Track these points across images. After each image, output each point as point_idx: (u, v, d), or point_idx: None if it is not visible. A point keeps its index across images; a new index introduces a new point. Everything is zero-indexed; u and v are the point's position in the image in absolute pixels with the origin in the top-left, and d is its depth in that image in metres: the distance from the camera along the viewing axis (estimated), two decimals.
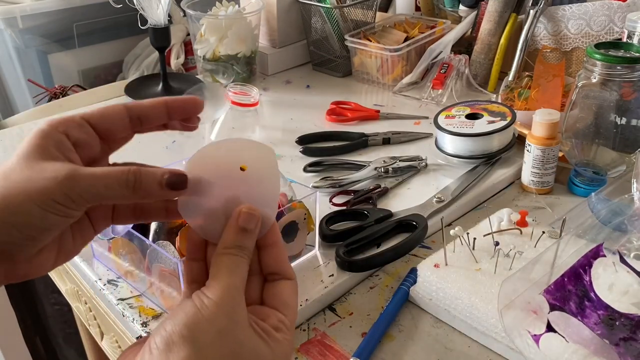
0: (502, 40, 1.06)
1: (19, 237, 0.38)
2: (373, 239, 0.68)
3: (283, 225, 0.62)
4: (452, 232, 0.60)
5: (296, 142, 0.92)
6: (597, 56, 0.75)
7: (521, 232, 0.63)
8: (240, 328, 0.36)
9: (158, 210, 0.45)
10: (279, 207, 0.62)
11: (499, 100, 0.96)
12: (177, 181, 0.40)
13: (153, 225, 0.61)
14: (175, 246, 0.58)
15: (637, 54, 0.76)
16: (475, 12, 1.15)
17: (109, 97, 1.12)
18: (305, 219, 0.64)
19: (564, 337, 0.47)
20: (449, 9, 1.22)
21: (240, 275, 0.38)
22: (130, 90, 1.11)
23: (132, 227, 0.59)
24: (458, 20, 1.20)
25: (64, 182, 0.38)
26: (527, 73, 1.00)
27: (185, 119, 0.44)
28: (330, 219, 0.71)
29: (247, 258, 0.39)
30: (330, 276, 0.63)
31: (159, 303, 0.61)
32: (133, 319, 0.58)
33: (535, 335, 0.48)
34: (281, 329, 0.37)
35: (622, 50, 0.77)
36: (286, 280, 0.39)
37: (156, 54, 1.37)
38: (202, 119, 0.44)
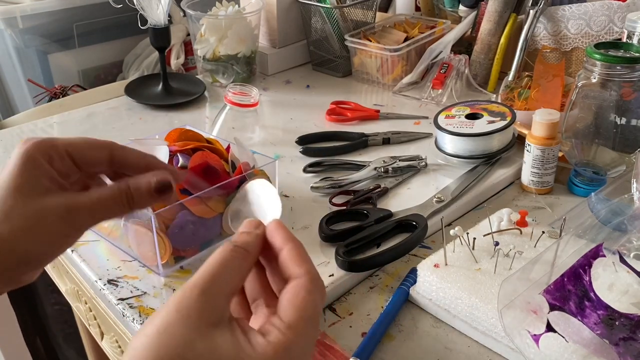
0: (502, 40, 1.06)
1: (26, 270, 0.40)
2: (373, 239, 0.68)
3: None
4: (452, 232, 0.60)
5: (296, 142, 0.92)
6: (597, 56, 0.75)
7: (521, 232, 0.63)
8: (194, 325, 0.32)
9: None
10: (241, 173, 0.66)
11: (499, 100, 0.96)
12: (165, 187, 0.43)
13: None
14: None
15: (637, 54, 0.76)
16: (475, 12, 1.15)
17: (109, 97, 1.12)
18: None
19: (563, 337, 0.47)
20: (449, 9, 1.22)
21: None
22: (130, 90, 1.11)
23: None
24: (458, 20, 1.20)
25: (67, 217, 0.40)
26: (527, 73, 1.00)
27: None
28: (330, 219, 0.71)
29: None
30: (330, 276, 0.63)
31: (136, 255, 0.66)
32: (133, 318, 0.58)
33: (535, 335, 0.48)
34: (270, 332, 0.33)
35: (622, 50, 0.77)
36: (292, 279, 0.37)
37: (156, 54, 1.37)
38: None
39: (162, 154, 0.64)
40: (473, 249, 0.61)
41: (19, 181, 0.40)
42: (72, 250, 0.69)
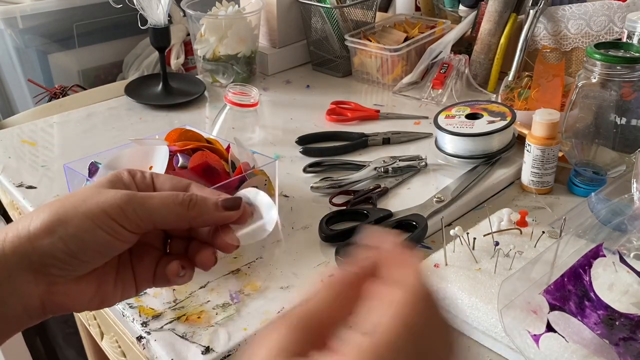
0: (502, 40, 1.06)
1: (62, 250, 0.38)
2: None
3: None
4: (452, 232, 0.60)
5: (296, 142, 0.92)
6: (597, 56, 0.75)
7: (521, 232, 0.63)
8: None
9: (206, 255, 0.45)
10: (241, 173, 0.66)
11: (499, 100, 0.96)
12: (233, 203, 0.42)
13: None
14: None
15: (637, 54, 0.76)
16: (475, 12, 1.15)
17: (109, 97, 1.12)
18: (265, 184, 0.69)
19: (563, 337, 0.47)
20: (449, 9, 1.22)
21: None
22: (130, 90, 1.11)
23: None
24: (458, 20, 1.20)
25: (122, 198, 0.39)
26: (527, 73, 1.00)
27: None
28: (330, 219, 0.71)
29: None
30: (330, 276, 0.63)
31: None
32: (133, 319, 0.58)
33: (535, 335, 0.48)
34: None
35: (622, 50, 0.77)
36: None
37: (156, 54, 1.37)
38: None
39: (162, 154, 0.64)
40: (473, 249, 0.61)
41: (98, 181, 0.42)
42: None
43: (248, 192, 0.46)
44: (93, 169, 0.69)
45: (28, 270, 0.38)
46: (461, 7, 1.20)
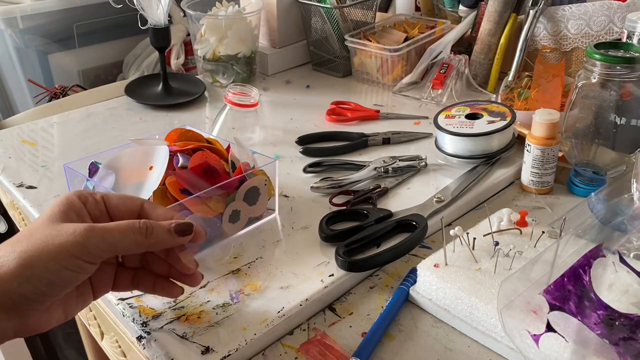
0: (502, 40, 1.06)
1: (31, 291, 0.41)
2: (373, 239, 0.68)
3: (246, 189, 0.68)
4: (452, 232, 0.60)
5: (296, 142, 0.92)
6: (597, 56, 0.75)
7: (521, 232, 0.63)
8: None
9: (160, 267, 0.51)
10: (241, 173, 0.68)
11: (499, 100, 0.96)
12: (185, 229, 0.46)
13: None
14: None
15: (637, 54, 0.76)
16: (475, 12, 1.15)
17: (109, 97, 1.12)
18: (265, 184, 0.70)
19: (563, 337, 0.47)
20: (449, 9, 1.22)
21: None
22: (130, 90, 1.11)
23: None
24: (458, 20, 1.20)
25: (83, 233, 0.41)
26: (527, 73, 1.01)
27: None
28: (330, 219, 0.71)
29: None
30: (330, 276, 0.63)
31: None
32: (133, 318, 0.58)
33: (535, 335, 0.48)
34: None
35: (622, 50, 0.77)
36: None
37: (156, 54, 1.37)
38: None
39: (162, 154, 0.64)
40: (473, 249, 0.61)
41: (50, 212, 0.44)
42: None
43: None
44: (93, 169, 0.69)
45: (1, 310, 0.41)
46: (461, 7, 1.20)
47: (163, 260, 0.50)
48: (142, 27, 1.04)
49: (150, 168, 0.64)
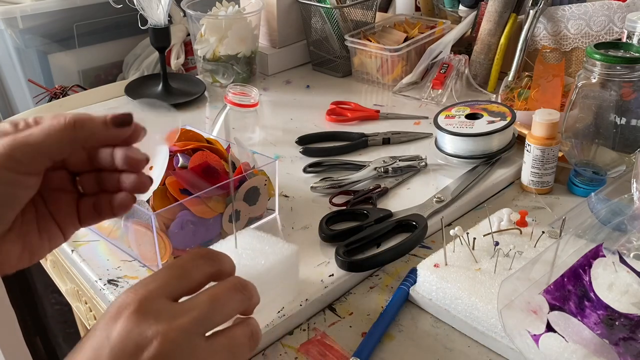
0: (502, 40, 1.06)
1: None
2: (373, 239, 0.68)
3: (246, 189, 0.68)
4: (452, 232, 0.60)
5: (296, 142, 0.92)
6: (597, 56, 0.75)
7: (521, 232, 0.63)
8: None
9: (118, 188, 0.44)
10: (241, 173, 0.67)
11: (499, 100, 0.96)
12: (123, 119, 0.40)
13: None
14: (149, 204, 0.63)
15: (637, 54, 0.76)
16: (475, 12, 1.15)
17: (109, 97, 1.12)
18: (265, 184, 0.70)
19: (563, 337, 0.47)
20: (449, 9, 1.22)
21: None
22: (130, 90, 1.11)
23: None
24: (458, 20, 1.20)
25: (5, 144, 0.37)
26: (527, 73, 1.01)
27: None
28: (330, 219, 0.71)
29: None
30: (330, 276, 0.63)
31: (136, 255, 0.67)
32: None
33: (535, 335, 0.48)
34: None
35: (622, 51, 0.77)
36: None
37: (156, 54, 1.37)
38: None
39: (162, 154, 0.64)
40: (473, 249, 0.61)
41: None
42: (72, 250, 0.69)
43: (140, 105, 0.45)
44: None
45: None
46: (461, 7, 1.20)
47: (116, 174, 0.43)
48: (142, 27, 1.04)
49: (151, 168, 0.64)
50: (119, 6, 1.03)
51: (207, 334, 0.36)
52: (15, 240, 0.41)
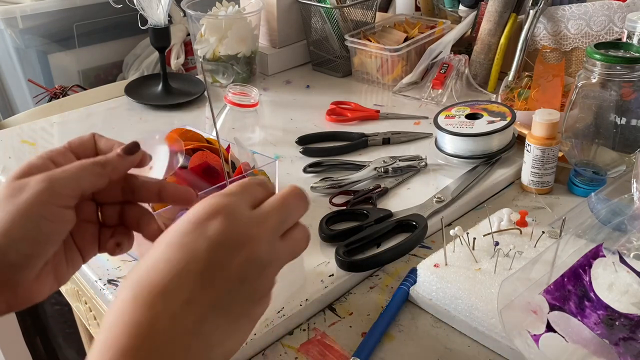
0: (502, 40, 1.06)
1: (16, 257, 0.39)
2: (373, 239, 0.68)
3: None
4: (452, 232, 0.60)
5: (296, 142, 0.92)
6: (597, 56, 0.75)
7: (521, 232, 0.63)
8: None
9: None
10: (241, 173, 0.67)
11: (499, 100, 0.96)
12: (131, 147, 0.48)
13: None
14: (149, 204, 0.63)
15: (637, 54, 0.76)
16: (475, 12, 1.15)
17: (109, 97, 1.12)
18: None
19: (563, 337, 0.47)
20: (449, 9, 1.22)
21: None
22: (130, 90, 1.11)
23: None
24: (458, 20, 1.20)
25: (45, 179, 0.40)
26: (527, 73, 1.01)
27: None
28: (330, 219, 0.71)
29: None
30: (330, 276, 0.63)
31: (136, 255, 0.67)
32: None
33: (535, 335, 0.48)
34: None
35: (622, 51, 0.77)
36: None
37: (156, 54, 1.37)
38: None
39: (162, 154, 0.64)
40: (473, 249, 0.61)
41: (13, 174, 0.43)
42: None
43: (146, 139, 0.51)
44: None
45: None
46: (461, 7, 1.20)
47: (135, 209, 0.50)
48: (142, 27, 1.04)
49: (150, 168, 0.64)
50: (119, 6, 1.03)
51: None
52: (49, 272, 0.43)
